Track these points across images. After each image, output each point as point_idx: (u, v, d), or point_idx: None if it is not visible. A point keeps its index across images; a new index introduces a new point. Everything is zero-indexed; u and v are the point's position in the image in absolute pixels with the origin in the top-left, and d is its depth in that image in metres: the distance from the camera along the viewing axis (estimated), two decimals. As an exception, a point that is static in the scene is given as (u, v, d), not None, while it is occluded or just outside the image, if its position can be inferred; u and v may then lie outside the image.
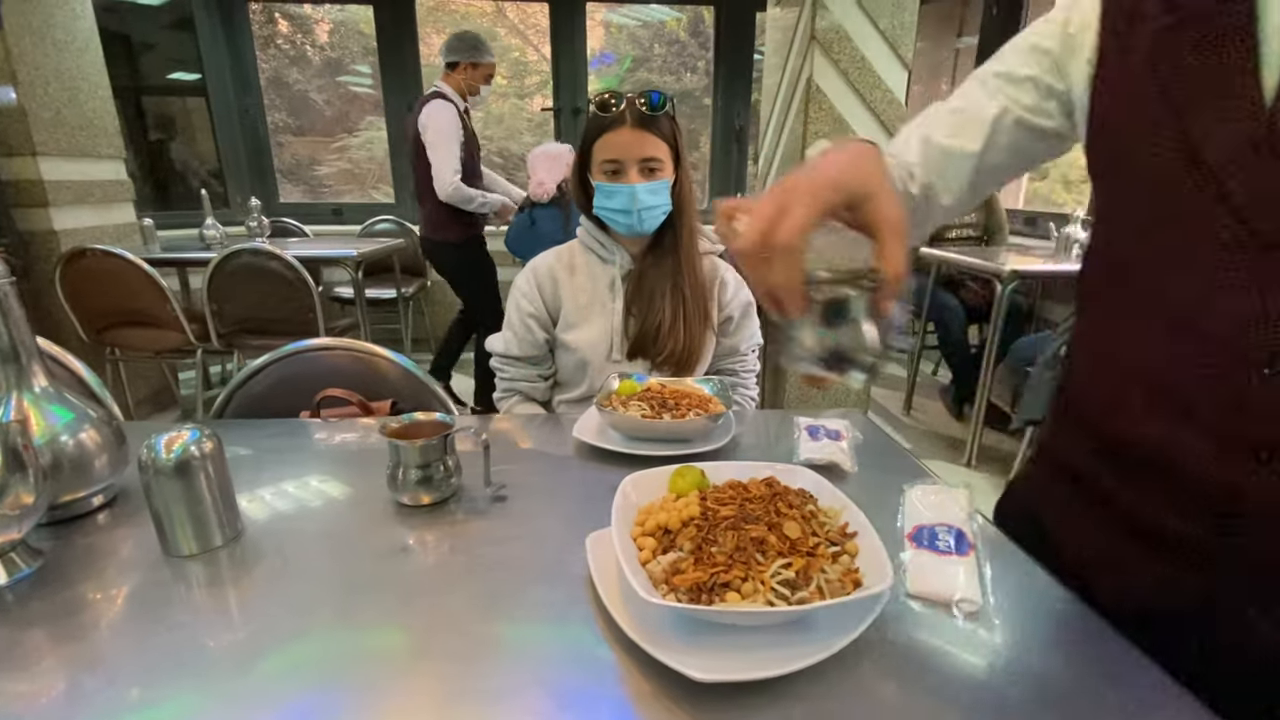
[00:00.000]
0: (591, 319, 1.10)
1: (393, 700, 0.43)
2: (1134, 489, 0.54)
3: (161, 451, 0.57)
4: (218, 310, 2.48)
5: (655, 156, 1.02)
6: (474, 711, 0.42)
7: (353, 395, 0.98)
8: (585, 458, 0.80)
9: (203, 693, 0.43)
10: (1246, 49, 0.45)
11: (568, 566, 0.57)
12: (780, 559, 0.48)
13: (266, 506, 0.68)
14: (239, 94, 3.82)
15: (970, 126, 0.60)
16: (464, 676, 0.45)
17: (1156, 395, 0.52)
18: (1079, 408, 0.61)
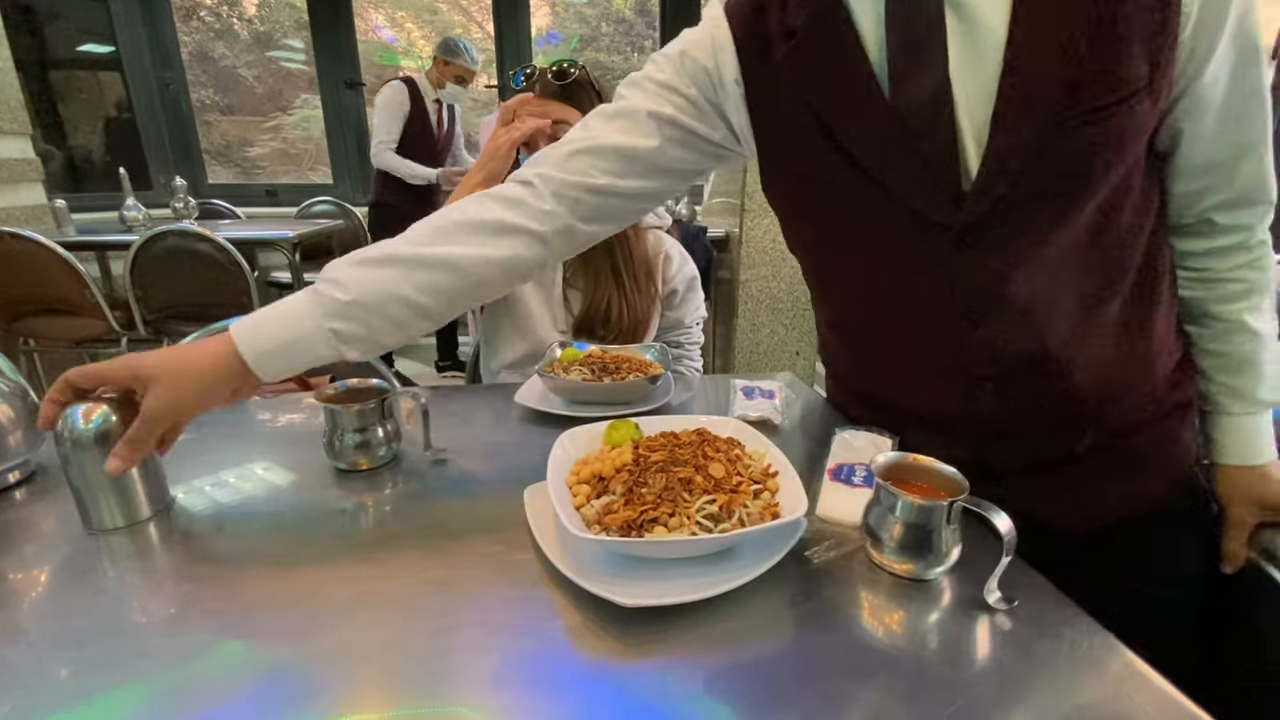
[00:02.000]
0: (536, 281, 1.10)
1: (335, 647, 0.44)
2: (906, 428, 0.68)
3: (79, 422, 0.55)
4: (143, 296, 2.35)
5: (564, 121, 1.01)
6: (416, 649, 0.44)
7: (289, 370, 0.96)
8: (528, 423, 0.82)
9: (137, 665, 0.43)
10: (858, 52, 0.53)
11: (506, 519, 0.58)
12: (705, 496, 0.51)
13: (199, 481, 0.67)
14: (158, 68, 3.60)
15: (638, 128, 0.63)
16: (405, 620, 0.47)
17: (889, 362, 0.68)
18: (839, 373, 0.79)
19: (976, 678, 0.42)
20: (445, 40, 2.97)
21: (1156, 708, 0.39)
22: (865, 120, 0.54)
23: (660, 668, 0.42)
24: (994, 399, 0.62)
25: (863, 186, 0.56)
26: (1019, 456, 0.64)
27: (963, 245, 0.55)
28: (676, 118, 0.62)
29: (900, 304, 0.63)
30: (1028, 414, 0.62)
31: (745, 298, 2.57)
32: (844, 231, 0.62)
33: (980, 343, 0.59)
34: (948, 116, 0.51)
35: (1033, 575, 0.52)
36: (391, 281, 0.59)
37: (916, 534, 0.49)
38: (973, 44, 0.50)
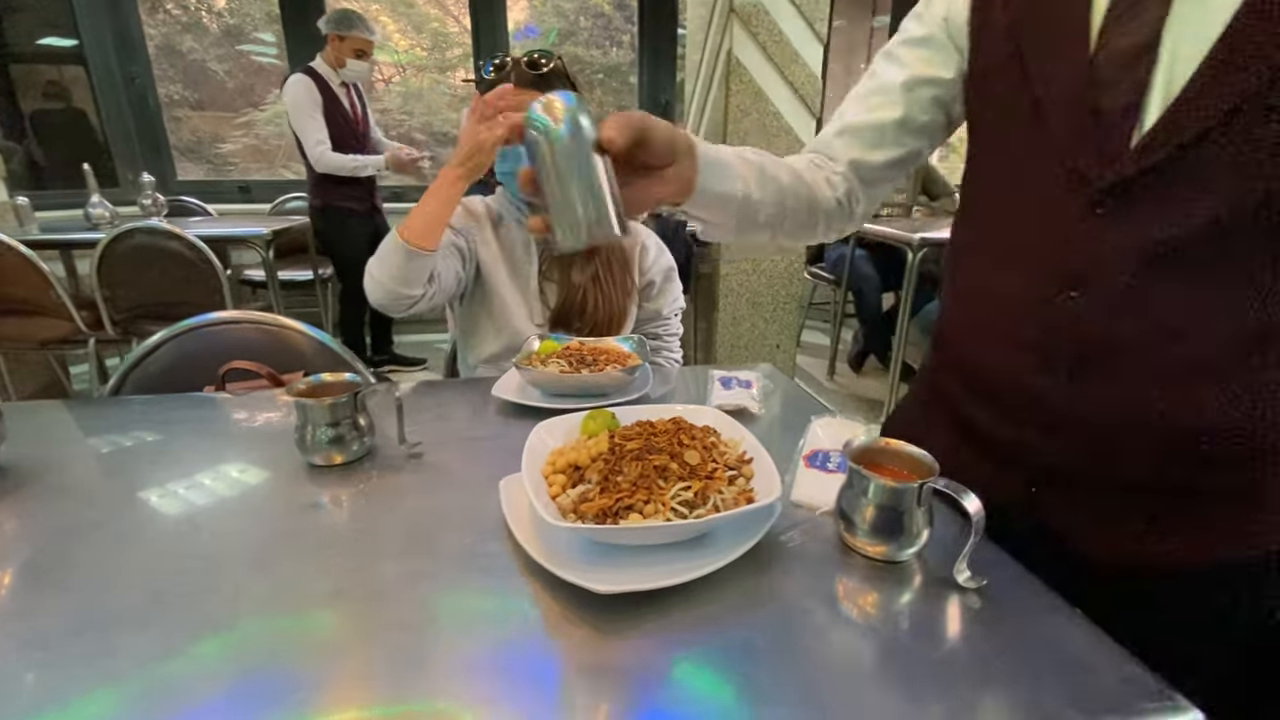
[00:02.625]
0: (510, 275, 1.10)
1: (311, 643, 0.44)
2: (978, 403, 0.62)
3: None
4: (110, 296, 2.29)
5: None
6: (392, 643, 0.43)
7: (261, 367, 0.95)
8: (505, 416, 0.81)
9: (110, 666, 0.42)
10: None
11: (483, 511, 0.58)
12: (681, 483, 0.51)
13: (172, 483, 0.65)
14: (123, 62, 3.50)
15: (887, 99, 0.66)
16: (380, 611, 0.46)
17: (996, 321, 0.60)
18: (944, 338, 0.69)
19: (948, 656, 0.43)
20: (335, 13, 2.70)
21: (1121, 681, 0.40)
22: (1057, 61, 0.52)
23: (636, 653, 0.42)
24: (1104, 388, 0.53)
25: (1029, 127, 0.54)
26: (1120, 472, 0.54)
27: (1099, 207, 0.50)
28: (922, 75, 0.65)
29: (1024, 263, 0.57)
30: (1137, 413, 0.53)
31: (726, 291, 2.58)
32: (997, 173, 0.60)
33: (1100, 321, 0.52)
34: (1143, 73, 0.48)
35: (1001, 555, 0.53)
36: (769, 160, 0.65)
37: (888, 516, 0.49)
38: (1202, 4, 0.46)
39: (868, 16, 4.69)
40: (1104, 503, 0.55)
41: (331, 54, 2.72)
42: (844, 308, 3.28)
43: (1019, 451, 0.58)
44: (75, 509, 0.60)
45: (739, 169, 0.61)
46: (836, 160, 0.69)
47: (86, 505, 0.61)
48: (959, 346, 0.66)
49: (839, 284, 3.13)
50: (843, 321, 3.33)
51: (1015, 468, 0.58)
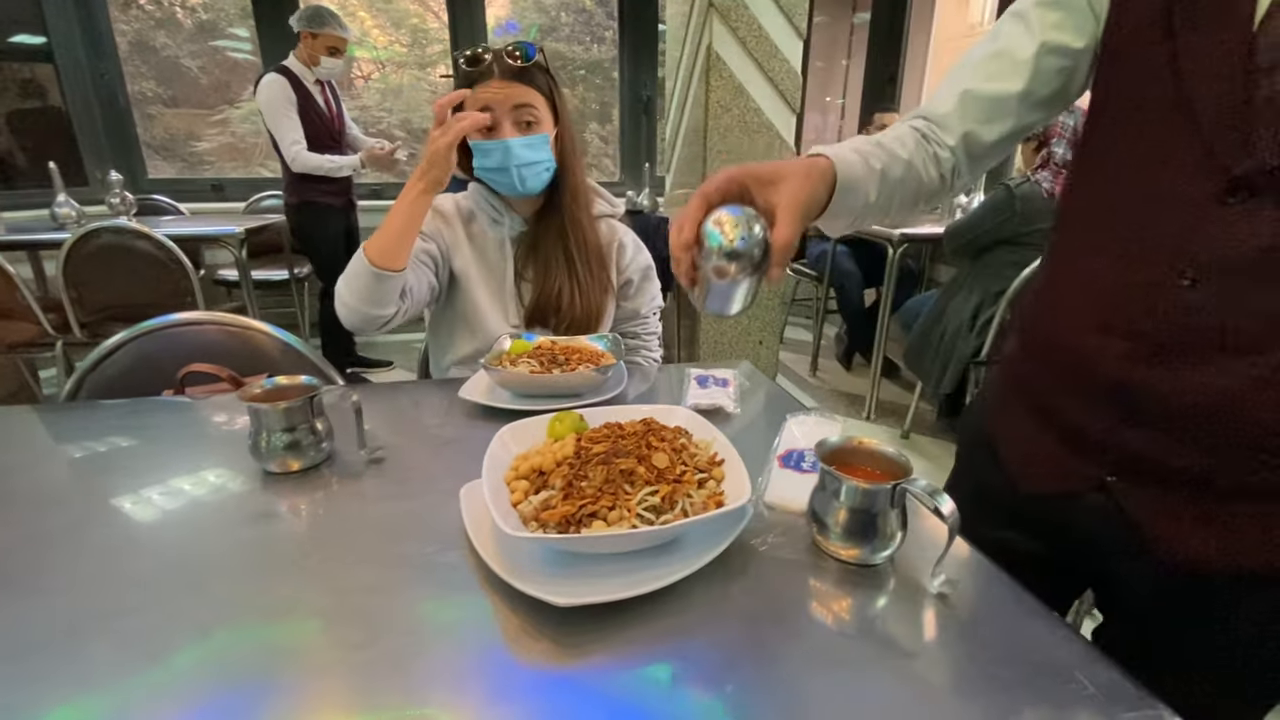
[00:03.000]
0: (484, 275, 1.07)
1: (258, 662, 0.41)
2: (1060, 389, 0.59)
3: None
4: (78, 297, 2.23)
5: (529, 104, 0.98)
6: (343, 661, 0.41)
7: (222, 370, 0.91)
8: (473, 418, 0.79)
9: (63, 686, 0.40)
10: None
11: (443, 519, 0.55)
12: (648, 487, 0.49)
13: (119, 497, 0.62)
14: (92, 59, 3.41)
15: (1011, 68, 0.61)
16: (334, 630, 0.44)
17: (1095, 304, 0.56)
18: (1032, 322, 0.66)
19: (923, 663, 0.41)
20: (308, 10, 2.60)
21: (1100, 686, 0.39)
22: (1216, 36, 0.48)
23: (599, 667, 0.40)
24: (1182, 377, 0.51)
25: (1169, 105, 0.50)
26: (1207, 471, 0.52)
27: (1231, 196, 0.48)
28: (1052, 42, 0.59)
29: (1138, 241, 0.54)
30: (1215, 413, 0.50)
31: (708, 288, 2.56)
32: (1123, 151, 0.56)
33: (1195, 311, 0.50)
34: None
35: (978, 557, 0.51)
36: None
37: (861, 519, 0.48)
38: None
39: (848, 13, 4.69)
40: (1184, 497, 0.53)
41: (305, 52, 2.65)
42: (826, 304, 3.28)
43: (1102, 440, 0.55)
44: (22, 519, 0.57)
45: (865, 183, 0.59)
46: (948, 131, 0.64)
47: (32, 516, 0.57)
48: (1049, 330, 0.62)
49: (821, 280, 3.13)
50: (825, 318, 3.33)
51: (1094, 457, 0.56)
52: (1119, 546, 0.56)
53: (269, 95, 2.58)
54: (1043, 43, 0.59)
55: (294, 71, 2.64)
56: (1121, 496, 0.55)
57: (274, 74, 2.61)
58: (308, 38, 2.62)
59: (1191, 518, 0.52)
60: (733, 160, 2.47)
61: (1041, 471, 0.61)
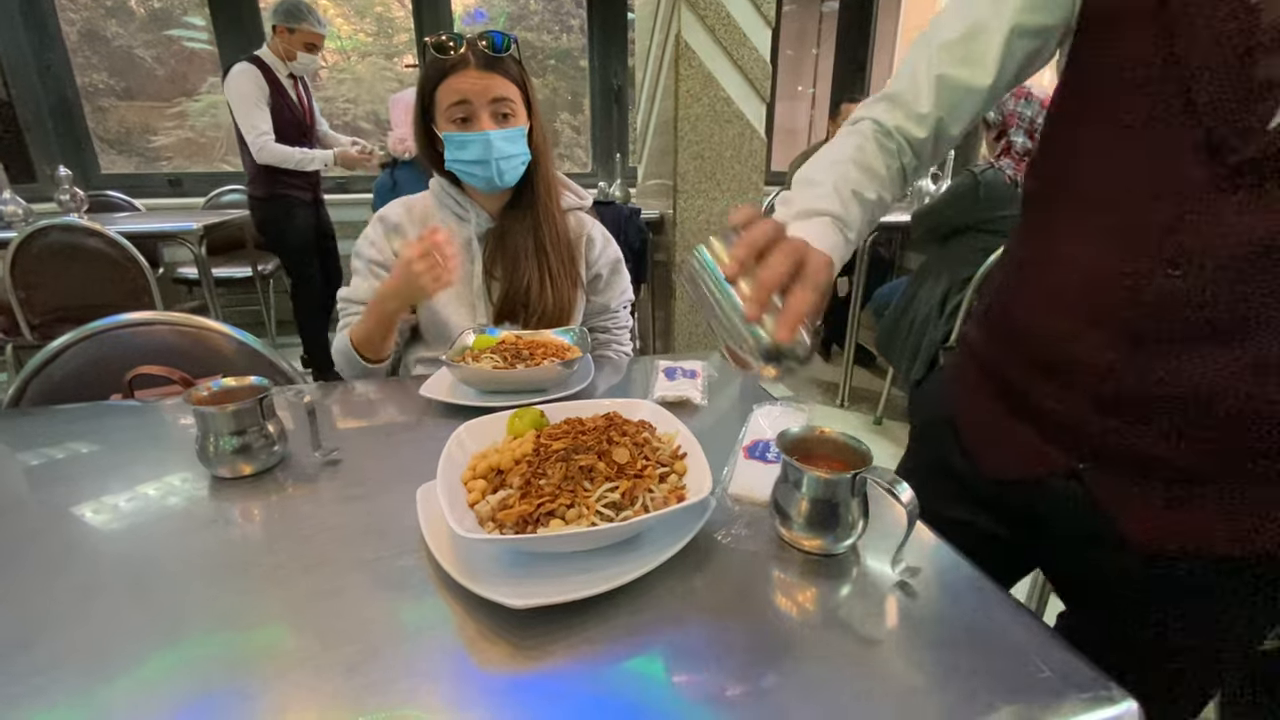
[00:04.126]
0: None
1: (203, 676, 0.39)
2: (1031, 375, 0.59)
3: None
4: (27, 298, 2.14)
5: (506, 97, 0.96)
6: (299, 665, 0.40)
7: (174, 372, 0.88)
8: (435, 417, 0.77)
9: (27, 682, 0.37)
10: None
11: (399, 521, 0.54)
12: (608, 484, 0.48)
13: (62, 500, 0.59)
14: (37, 49, 3.26)
15: (980, 58, 0.59)
16: (287, 634, 0.42)
17: (1074, 292, 0.55)
18: (1003, 308, 0.64)
19: (886, 649, 0.41)
20: (285, 4, 2.53)
21: (1058, 670, 0.39)
22: (1216, 13, 0.45)
23: (559, 669, 0.39)
24: (1161, 366, 0.50)
25: (1161, 87, 0.48)
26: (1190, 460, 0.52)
27: (1225, 183, 0.46)
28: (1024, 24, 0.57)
29: (1121, 228, 0.52)
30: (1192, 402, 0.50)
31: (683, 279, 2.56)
32: (1107, 133, 0.54)
33: (1179, 301, 0.49)
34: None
35: (939, 544, 0.51)
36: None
37: (823, 509, 0.47)
38: None
39: (817, 1, 4.69)
40: (1157, 485, 0.53)
41: (280, 46, 2.56)
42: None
43: (1075, 427, 0.55)
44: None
45: (857, 228, 0.59)
46: (922, 124, 0.62)
47: (-46, 533, 0.54)
48: (1022, 315, 0.61)
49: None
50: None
51: (1067, 443, 0.56)
52: (1086, 533, 0.56)
53: (239, 85, 2.50)
54: (1014, 25, 0.57)
55: (267, 63, 2.56)
56: (1093, 484, 0.55)
57: (246, 64, 2.52)
58: (284, 32, 2.55)
59: (1164, 505, 0.52)
60: (705, 152, 2.46)
61: (1009, 456, 0.61)
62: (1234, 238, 0.46)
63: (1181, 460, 0.51)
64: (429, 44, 0.95)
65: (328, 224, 2.93)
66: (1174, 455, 0.51)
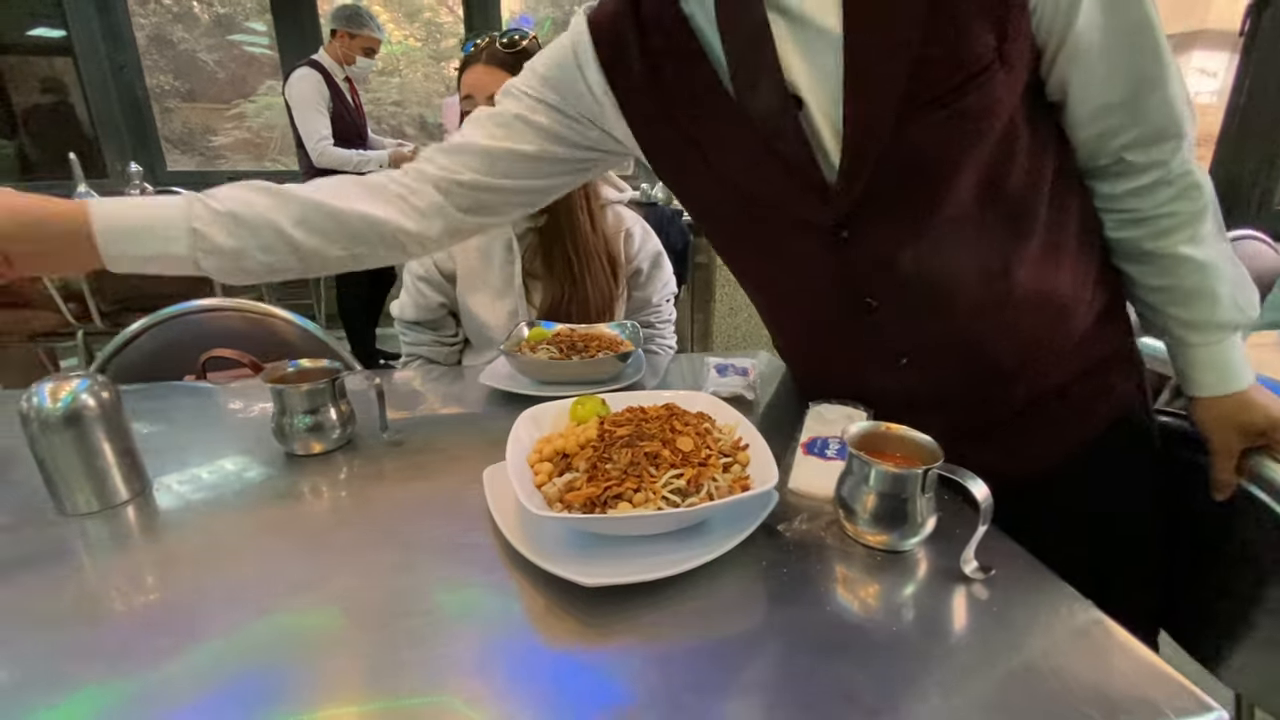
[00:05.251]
0: (490, 282, 1.05)
1: (285, 641, 0.41)
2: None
3: (46, 400, 0.52)
4: (98, 287, 2.26)
5: None
6: (370, 641, 0.41)
7: (243, 356, 0.92)
8: (493, 404, 0.79)
9: (90, 665, 0.40)
10: (705, 64, 0.54)
11: (466, 501, 0.55)
12: (673, 470, 0.48)
13: (150, 469, 0.62)
14: (111, 52, 3.45)
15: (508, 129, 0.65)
16: (360, 610, 0.44)
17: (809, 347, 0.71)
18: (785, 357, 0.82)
19: (953, 649, 0.40)
20: (347, 9, 2.61)
21: (1133, 672, 0.38)
22: (722, 130, 0.56)
23: (625, 649, 0.40)
24: (914, 373, 0.62)
25: (735, 193, 0.58)
26: (952, 423, 0.58)
27: (840, 239, 0.55)
28: (545, 125, 0.64)
29: (800, 296, 0.64)
30: (950, 384, 0.63)
31: (723, 281, 2.55)
32: (733, 234, 0.65)
33: (884, 325, 0.59)
34: (794, 119, 0.52)
35: (1009, 543, 0.50)
36: (270, 209, 0.60)
37: (891, 504, 0.47)
38: (810, 45, 0.51)
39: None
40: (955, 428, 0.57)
41: (339, 49, 2.65)
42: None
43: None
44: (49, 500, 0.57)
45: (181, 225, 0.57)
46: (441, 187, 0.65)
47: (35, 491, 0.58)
48: (794, 366, 0.80)
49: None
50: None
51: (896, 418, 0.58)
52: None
53: (301, 89, 2.59)
54: (542, 127, 0.65)
55: (325, 67, 2.65)
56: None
57: (307, 69, 2.61)
58: (344, 37, 2.64)
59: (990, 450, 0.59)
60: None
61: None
62: (880, 271, 0.56)
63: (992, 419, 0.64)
64: (462, 45, 0.98)
65: None
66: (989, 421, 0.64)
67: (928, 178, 0.52)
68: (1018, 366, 0.62)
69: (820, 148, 0.53)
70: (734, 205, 0.60)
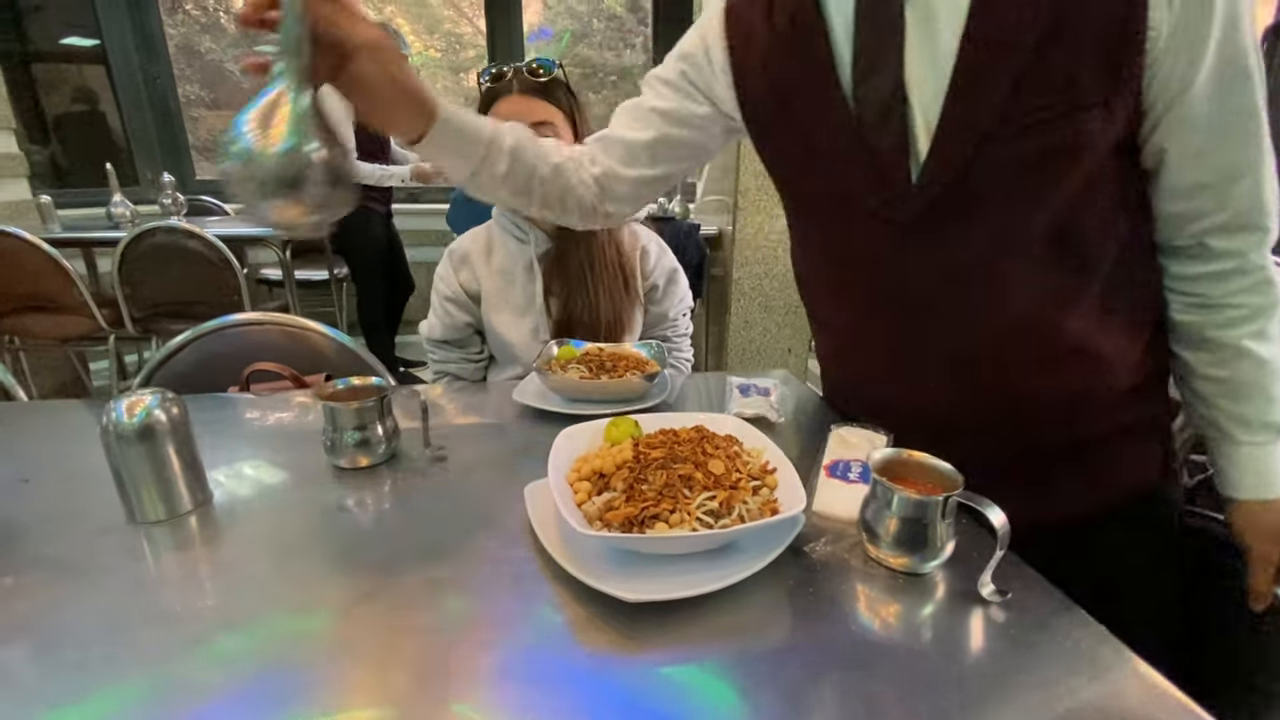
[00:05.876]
0: (512, 301, 1.09)
1: (336, 644, 0.45)
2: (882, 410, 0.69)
3: (123, 415, 0.56)
4: (131, 294, 2.33)
5: (548, 121, 1.01)
6: (416, 646, 0.44)
7: (285, 369, 0.96)
8: (526, 420, 0.82)
9: (135, 660, 0.44)
10: (826, 51, 0.57)
11: (507, 516, 0.59)
12: (706, 492, 0.51)
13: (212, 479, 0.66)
14: (144, 62, 3.55)
15: (642, 120, 0.73)
16: (408, 614, 0.47)
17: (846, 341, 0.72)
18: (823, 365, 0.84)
19: (971, 670, 0.43)
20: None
21: (1147, 700, 0.40)
22: (825, 112, 0.58)
23: (662, 660, 0.43)
24: (949, 391, 0.63)
25: (820, 176, 0.61)
26: (973, 454, 0.57)
27: (908, 240, 0.57)
28: (667, 108, 0.71)
29: (854, 290, 0.66)
30: (980, 410, 0.63)
31: (738, 295, 2.58)
32: (806, 218, 0.68)
33: (929, 334, 0.61)
34: (900, 115, 0.54)
35: (1025, 569, 0.53)
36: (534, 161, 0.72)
37: (912, 528, 0.50)
38: (932, 41, 0.52)
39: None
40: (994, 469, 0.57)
41: None
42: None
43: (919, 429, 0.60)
44: (101, 509, 0.61)
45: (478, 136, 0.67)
46: (595, 164, 0.75)
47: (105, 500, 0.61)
48: (829, 370, 0.80)
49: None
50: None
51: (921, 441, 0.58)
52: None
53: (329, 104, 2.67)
54: (663, 111, 0.72)
55: None
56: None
57: None
58: None
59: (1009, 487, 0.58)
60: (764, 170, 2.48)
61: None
62: (938, 281, 0.58)
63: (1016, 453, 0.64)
64: (483, 74, 1.02)
65: (396, 236, 3.10)
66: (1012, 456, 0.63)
67: (1003, 200, 0.53)
68: (1048, 409, 0.62)
69: (913, 145, 0.54)
70: (813, 186, 0.62)
